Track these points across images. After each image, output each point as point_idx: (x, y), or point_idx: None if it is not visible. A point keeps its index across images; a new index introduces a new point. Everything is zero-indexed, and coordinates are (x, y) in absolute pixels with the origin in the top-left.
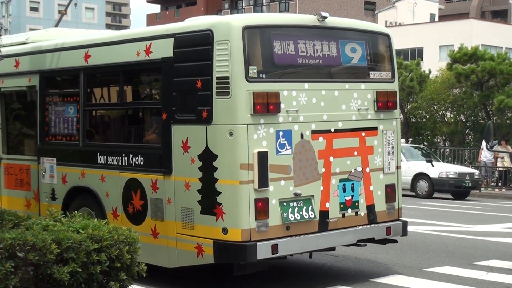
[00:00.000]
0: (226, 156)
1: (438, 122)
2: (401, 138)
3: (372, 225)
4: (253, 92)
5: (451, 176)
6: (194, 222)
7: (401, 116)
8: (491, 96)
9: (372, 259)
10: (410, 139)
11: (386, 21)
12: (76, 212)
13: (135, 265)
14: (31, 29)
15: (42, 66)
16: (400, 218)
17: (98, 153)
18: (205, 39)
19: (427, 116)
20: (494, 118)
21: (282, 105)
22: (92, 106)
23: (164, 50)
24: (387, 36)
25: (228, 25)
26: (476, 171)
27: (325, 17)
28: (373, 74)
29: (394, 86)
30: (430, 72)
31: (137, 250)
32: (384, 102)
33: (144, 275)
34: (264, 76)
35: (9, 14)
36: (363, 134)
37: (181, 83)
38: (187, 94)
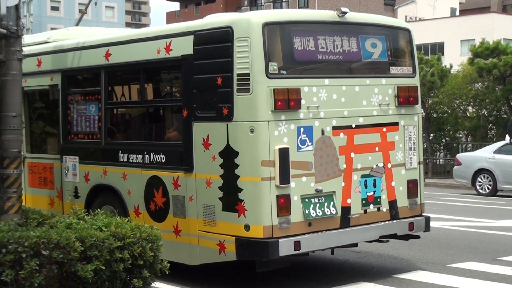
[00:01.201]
0: (247, 153)
1: (460, 117)
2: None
3: (395, 221)
4: (273, 89)
5: None
6: (216, 219)
7: (422, 111)
8: None
9: (394, 255)
10: (432, 135)
11: (406, 16)
12: (98, 210)
13: (158, 263)
14: (52, 28)
15: (64, 65)
16: (423, 214)
17: (120, 151)
18: (225, 36)
19: (449, 111)
20: None
21: (302, 101)
22: (113, 104)
23: (184, 47)
24: (407, 31)
25: (248, 22)
26: None
27: (345, 13)
28: (394, 69)
29: (415, 81)
30: (451, 67)
31: (160, 248)
32: (405, 97)
33: (167, 272)
34: (284, 72)
35: (31, 14)
36: (384, 129)
37: (201, 80)
38: (208, 91)
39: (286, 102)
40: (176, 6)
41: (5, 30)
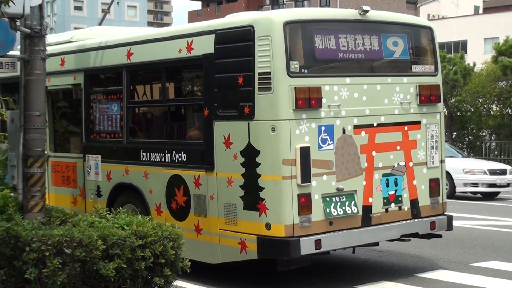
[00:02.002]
0: (269, 151)
1: (483, 116)
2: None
3: (416, 220)
4: (295, 87)
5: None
6: (237, 217)
7: (445, 109)
8: None
9: (416, 254)
10: (454, 133)
11: (428, 15)
12: (120, 208)
13: (179, 261)
14: (75, 28)
15: (86, 64)
16: (445, 213)
17: (141, 150)
18: (246, 35)
19: (472, 110)
20: None
21: (323, 100)
22: (135, 103)
23: (205, 46)
24: (429, 29)
25: (269, 21)
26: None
27: (367, 11)
28: (415, 68)
29: (438, 80)
30: (474, 65)
31: (181, 246)
32: (427, 96)
33: (188, 271)
34: (305, 71)
35: (54, 14)
36: (406, 128)
37: (222, 79)
38: (229, 90)
39: (307, 101)
40: (198, 5)
41: (29, 30)
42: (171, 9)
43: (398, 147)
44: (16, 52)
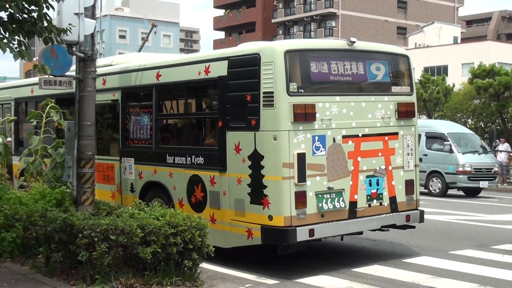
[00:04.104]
0: (271, 156)
1: None
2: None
3: (394, 214)
4: (293, 104)
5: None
6: (245, 210)
7: None
8: (506, 105)
9: (404, 243)
10: None
11: (415, 43)
12: (150, 202)
13: (205, 247)
14: (119, 53)
15: (123, 83)
16: (418, 208)
17: (167, 154)
18: (253, 61)
19: (496, 124)
20: (509, 125)
21: (317, 115)
22: (162, 116)
23: (220, 70)
24: (406, 57)
25: (273, 50)
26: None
27: (354, 42)
28: (394, 88)
29: (413, 99)
30: (454, 86)
31: (207, 234)
32: (404, 112)
33: (213, 255)
34: (302, 91)
35: (103, 41)
36: (386, 138)
37: (234, 97)
38: (239, 106)
39: (304, 115)
40: (222, 35)
41: (83, 54)
42: (199, 38)
43: (380, 154)
44: (72, 73)
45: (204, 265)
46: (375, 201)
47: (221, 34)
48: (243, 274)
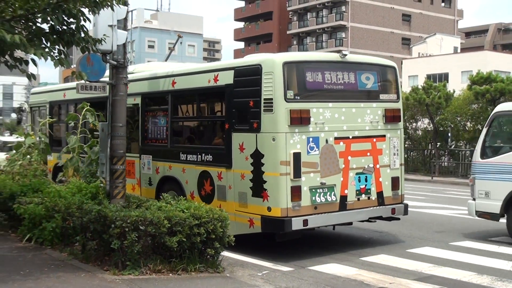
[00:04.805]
0: (270, 155)
1: (460, 130)
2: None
3: (381, 207)
4: (290, 109)
5: None
6: (247, 202)
7: (431, 125)
8: None
9: (408, 235)
10: (438, 143)
11: (419, 53)
12: (167, 194)
13: (226, 237)
14: (148, 61)
15: (143, 89)
16: (403, 202)
17: (181, 152)
18: (256, 71)
19: (452, 126)
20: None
21: (311, 119)
22: (176, 118)
23: (227, 78)
24: (393, 68)
25: (273, 61)
26: None
27: (346, 55)
28: (382, 96)
29: (399, 105)
30: (454, 91)
31: (227, 226)
32: (390, 117)
33: (233, 244)
34: (298, 98)
35: (133, 50)
36: (374, 140)
37: (238, 102)
38: (243, 111)
39: (299, 119)
40: (241, 45)
41: (116, 62)
42: (221, 47)
43: (368, 154)
44: (105, 79)
45: (225, 253)
46: (363, 195)
47: (241, 44)
48: (261, 262)
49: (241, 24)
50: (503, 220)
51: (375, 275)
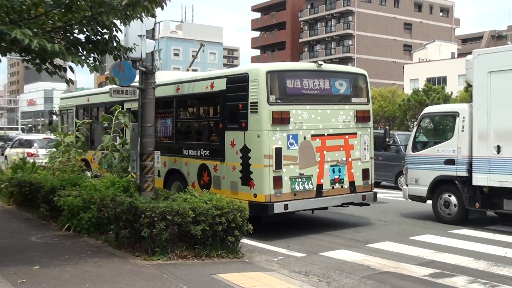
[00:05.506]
0: (256, 150)
1: None
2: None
3: (353, 194)
4: (272, 111)
5: None
6: (237, 190)
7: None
8: None
9: (411, 224)
10: None
11: (419, 58)
12: (172, 184)
13: (245, 226)
14: (174, 68)
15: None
16: (372, 190)
17: (184, 148)
18: (244, 79)
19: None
20: None
21: (291, 119)
22: (180, 119)
23: (221, 85)
24: (364, 75)
25: (258, 70)
26: None
27: (321, 64)
28: (354, 99)
29: (368, 107)
30: (452, 93)
31: (246, 215)
32: (361, 117)
33: (251, 232)
34: (279, 101)
35: (160, 58)
36: (346, 137)
37: (230, 105)
38: (234, 112)
39: (280, 119)
40: (257, 52)
41: (145, 69)
42: (239, 55)
43: (341, 149)
44: (136, 84)
45: (244, 240)
46: (337, 184)
47: (257, 52)
48: (276, 248)
49: (257, 34)
50: (429, 202)
51: (380, 260)
